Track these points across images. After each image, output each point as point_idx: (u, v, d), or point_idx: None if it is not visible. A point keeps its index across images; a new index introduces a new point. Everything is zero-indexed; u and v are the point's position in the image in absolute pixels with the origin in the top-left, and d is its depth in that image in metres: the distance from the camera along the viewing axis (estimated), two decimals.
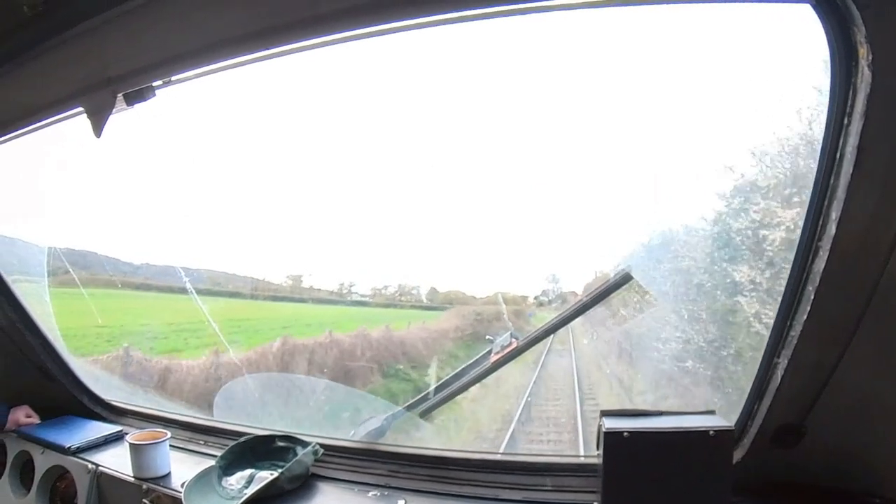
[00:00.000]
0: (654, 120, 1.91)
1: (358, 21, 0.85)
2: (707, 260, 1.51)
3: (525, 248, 7.26)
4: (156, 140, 3.21)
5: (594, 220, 4.43)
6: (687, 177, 1.62)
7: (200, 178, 5.03)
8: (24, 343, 1.89)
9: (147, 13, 1.03)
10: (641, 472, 1.13)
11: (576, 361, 7.80)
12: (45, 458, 1.74)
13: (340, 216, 6.96)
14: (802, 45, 0.90)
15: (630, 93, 2.23)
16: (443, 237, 8.01)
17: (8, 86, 1.30)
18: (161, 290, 6.54)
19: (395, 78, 3.19)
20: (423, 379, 6.75)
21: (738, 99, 1.35)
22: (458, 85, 3.72)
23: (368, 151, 5.50)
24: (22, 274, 1.89)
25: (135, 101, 1.25)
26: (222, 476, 1.47)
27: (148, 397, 3.51)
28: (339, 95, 4.04)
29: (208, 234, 6.02)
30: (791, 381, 1.11)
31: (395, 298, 9.54)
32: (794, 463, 1.20)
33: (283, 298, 9.05)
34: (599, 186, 3.83)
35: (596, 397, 6.49)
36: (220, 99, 2.81)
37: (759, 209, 1.36)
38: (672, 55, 1.54)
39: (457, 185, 6.36)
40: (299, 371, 6.13)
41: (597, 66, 2.56)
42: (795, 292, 1.05)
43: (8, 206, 2.03)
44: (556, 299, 7.03)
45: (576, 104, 3.40)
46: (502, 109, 4.50)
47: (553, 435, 5.86)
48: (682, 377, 2.12)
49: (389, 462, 1.46)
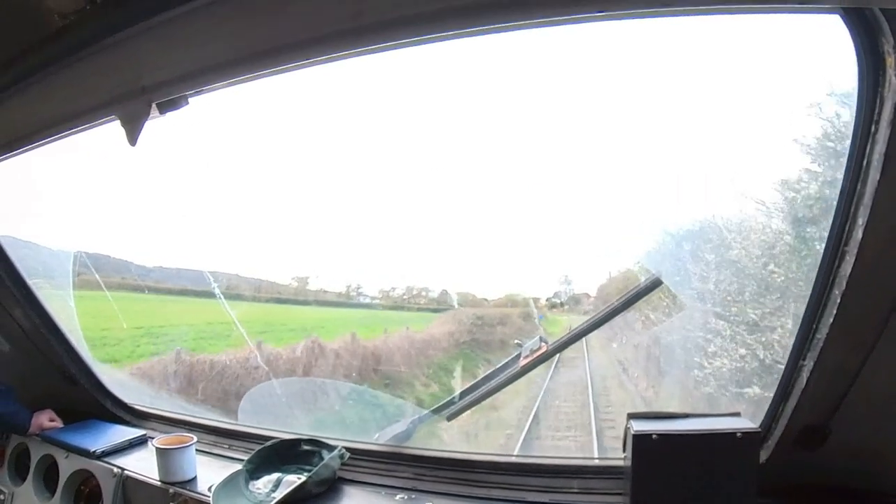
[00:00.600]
0: (674, 121, 1.93)
1: (401, 33, 0.87)
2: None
3: (535, 249, 7.16)
4: (163, 142, 3.22)
5: (605, 220, 4.42)
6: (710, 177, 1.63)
7: (206, 180, 5.02)
8: (48, 347, 1.91)
9: (184, 23, 1.04)
10: (669, 473, 1.15)
11: (590, 373, 7.29)
12: (70, 462, 1.75)
13: (347, 217, 6.92)
14: (829, 54, 0.93)
15: (646, 97, 2.25)
16: (453, 238, 7.89)
17: (40, 95, 1.32)
18: (178, 294, 6.53)
19: (407, 80, 3.22)
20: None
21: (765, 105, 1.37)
22: (471, 86, 3.74)
23: (379, 153, 5.50)
24: (45, 279, 1.91)
25: (167, 110, 1.25)
26: (249, 480, 1.49)
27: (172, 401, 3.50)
28: (351, 99, 4.06)
29: (214, 235, 5.98)
30: (816, 383, 1.12)
31: (402, 301, 9.30)
32: (818, 464, 1.21)
33: (287, 301, 8.93)
34: (610, 187, 3.83)
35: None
36: (226, 102, 2.83)
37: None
38: (693, 61, 1.56)
39: (467, 186, 6.34)
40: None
41: (607, 70, 2.58)
42: (822, 296, 1.07)
43: (23, 209, 2.05)
44: (569, 301, 6.94)
45: (587, 108, 3.42)
46: (513, 112, 4.51)
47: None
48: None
49: (415, 465, 1.47)
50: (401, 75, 3.14)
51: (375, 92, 3.72)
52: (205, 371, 5.43)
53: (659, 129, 2.13)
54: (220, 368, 5.45)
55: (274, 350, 6.28)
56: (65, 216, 2.69)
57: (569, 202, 5.47)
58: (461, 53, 2.46)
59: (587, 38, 1.62)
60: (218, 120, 3.58)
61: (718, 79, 1.46)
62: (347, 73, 1.13)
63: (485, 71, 3.22)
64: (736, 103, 1.43)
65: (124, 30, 1.08)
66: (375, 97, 4.01)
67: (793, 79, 1.22)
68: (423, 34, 0.87)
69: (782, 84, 1.25)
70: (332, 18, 0.90)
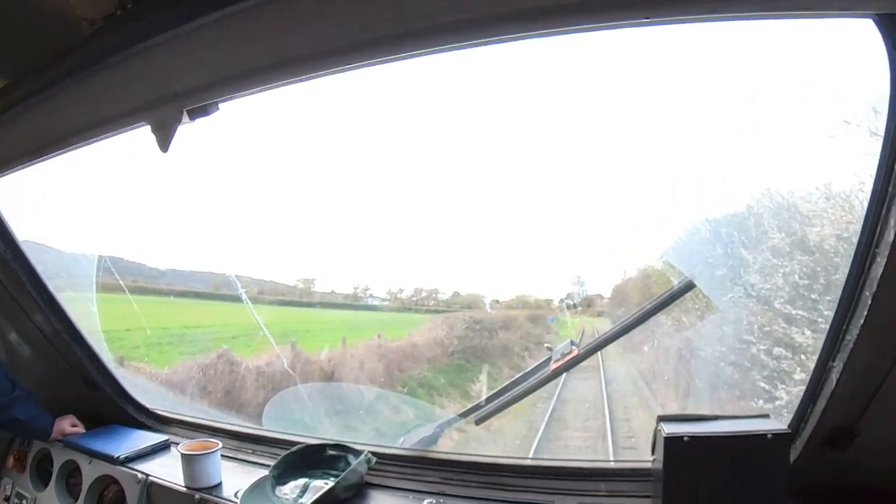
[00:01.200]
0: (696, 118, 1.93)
1: (447, 38, 0.87)
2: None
3: (546, 249, 7.02)
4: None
5: (616, 217, 4.39)
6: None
7: (215, 183, 4.99)
8: (69, 352, 1.91)
9: (220, 28, 1.03)
10: (700, 475, 1.15)
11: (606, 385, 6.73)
12: (93, 468, 1.75)
13: (354, 218, 6.83)
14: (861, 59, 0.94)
15: (665, 96, 2.25)
16: (463, 239, 7.72)
17: (70, 101, 1.32)
18: (196, 297, 6.49)
19: (419, 83, 3.22)
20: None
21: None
22: (482, 88, 3.74)
23: (392, 155, 5.47)
24: (68, 284, 1.92)
25: (198, 116, 1.23)
26: (276, 485, 1.49)
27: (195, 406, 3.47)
28: (364, 102, 4.06)
29: (216, 235, 5.93)
30: (846, 385, 1.12)
31: (410, 302, 9.01)
32: (846, 465, 1.21)
33: (291, 303, 8.73)
34: (620, 189, 3.82)
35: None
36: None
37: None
38: (717, 63, 1.57)
39: (477, 187, 6.28)
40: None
41: (621, 71, 2.59)
42: (852, 297, 1.07)
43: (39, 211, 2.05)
44: (583, 302, 6.83)
45: (605, 105, 3.42)
46: (524, 113, 4.49)
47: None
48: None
49: (442, 469, 1.48)
50: (412, 78, 3.14)
51: (388, 95, 3.72)
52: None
53: (680, 128, 2.14)
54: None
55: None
56: (79, 218, 2.68)
57: (579, 200, 5.43)
58: (471, 57, 2.46)
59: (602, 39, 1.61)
60: (225, 123, 3.57)
61: (749, 81, 1.47)
62: (359, 76, 1.12)
63: (497, 73, 3.22)
64: (765, 106, 1.44)
65: (155, 36, 1.08)
66: (388, 100, 4.01)
67: (825, 84, 1.23)
68: (469, 40, 0.87)
69: (814, 90, 1.26)
70: (378, 23, 0.90)
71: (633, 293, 5.24)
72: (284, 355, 5.42)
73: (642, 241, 4.38)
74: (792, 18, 0.93)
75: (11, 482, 2.00)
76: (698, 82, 1.75)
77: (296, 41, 1.00)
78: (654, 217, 2.42)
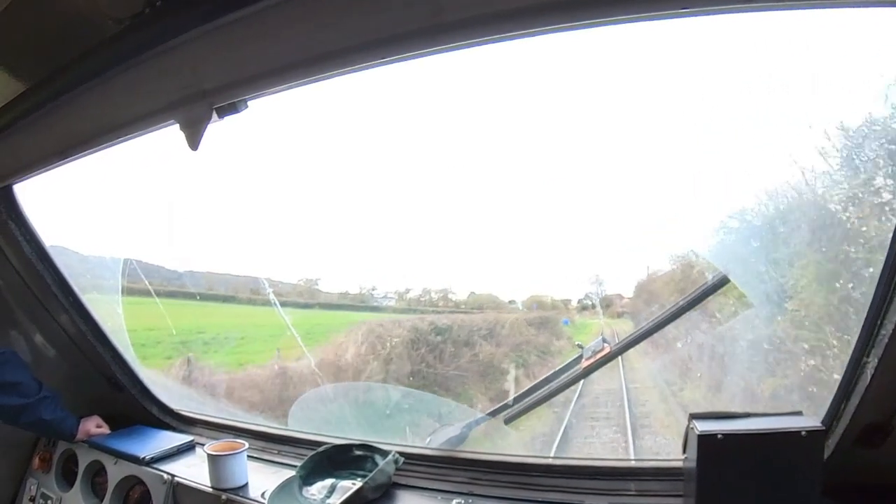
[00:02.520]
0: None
1: (480, 31, 0.86)
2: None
3: (562, 248, 6.63)
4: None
5: (636, 210, 4.25)
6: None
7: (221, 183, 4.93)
8: (94, 354, 1.93)
9: (249, 25, 1.03)
10: (734, 473, 1.13)
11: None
12: (119, 469, 1.76)
13: (357, 218, 6.64)
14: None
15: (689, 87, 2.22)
16: (475, 239, 7.39)
17: (98, 100, 1.32)
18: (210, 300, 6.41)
19: (428, 81, 3.19)
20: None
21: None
22: (496, 83, 3.70)
23: (399, 152, 5.37)
24: (95, 288, 1.93)
25: (226, 114, 1.22)
26: (303, 486, 1.49)
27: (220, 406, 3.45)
28: (374, 102, 4.02)
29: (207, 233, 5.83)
30: (880, 381, 1.11)
31: (417, 303, 8.11)
32: (878, 463, 1.20)
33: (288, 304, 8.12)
34: (641, 181, 3.72)
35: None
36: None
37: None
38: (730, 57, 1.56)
39: (491, 185, 6.09)
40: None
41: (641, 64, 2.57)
42: (887, 291, 1.06)
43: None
44: (602, 302, 6.25)
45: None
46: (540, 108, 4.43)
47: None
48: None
49: (470, 469, 1.46)
50: (421, 77, 3.12)
51: (398, 92, 3.68)
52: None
53: (706, 119, 2.11)
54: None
55: None
56: (99, 221, 2.69)
57: (595, 193, 5.25)
58: (484, 52, 2.44)
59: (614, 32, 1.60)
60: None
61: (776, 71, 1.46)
62: (369, 75, 1.12)
63: (512, 68, 3.19)
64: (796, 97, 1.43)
65: (183, 33, 1.08)
66: (399, 98, 3.97)
67: (855, 73, 1.22)
68: (502, 32, 0.86)
69: (845, 80, 1.25)
70: (410, 17, 0.88)
71: (661, 291, 4.89)
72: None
73: (667, 236, 4.18)
74: (828, 7, 0.92)
75: (37, 482, 2.01)
76: (723, 71, 1.73)
77: (324, 37, 0.99)
78: (680, 209, 2.36)
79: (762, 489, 1.14)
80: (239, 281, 7.05)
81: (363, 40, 0.97)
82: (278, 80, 1.14)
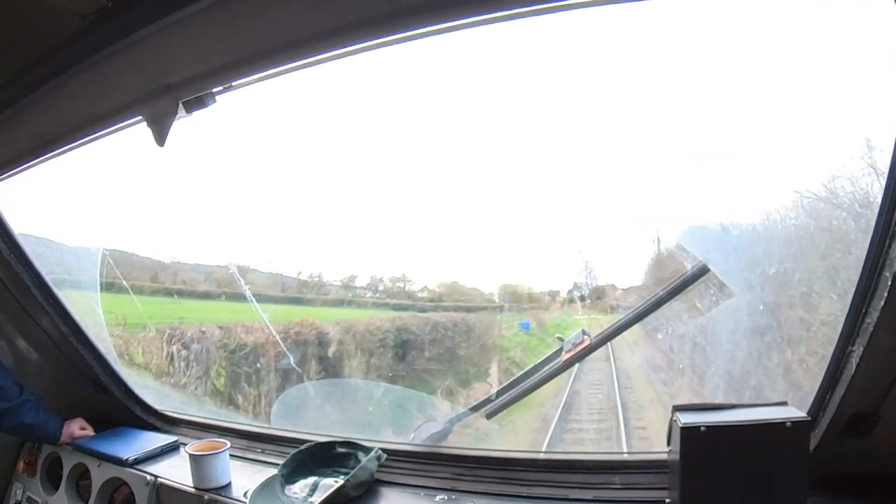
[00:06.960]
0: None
1: (441, 16, 0.84)
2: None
3: (549, 237, 6.23)
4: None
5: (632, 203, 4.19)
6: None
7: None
8: (76, 355, 1.91)
9: (212, 15, 1.01)
10: (719, 465, 1.12)
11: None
12: (102, 471, 1.75)
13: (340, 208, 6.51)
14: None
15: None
16: (452, 228, 6.99)
17: (65, 97, 1.29)
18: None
19: (411, 70, 3.14)
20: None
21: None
22: (481, 72, 3.66)
23: (383, 142, 5.32)
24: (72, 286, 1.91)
25: (194, 109, 1.22)
26: (285, 484, 1.47)
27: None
28: (353, 91, 3.97)
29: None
30: (866, 370, 1.09)
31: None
32: (865, 453, 1.18)
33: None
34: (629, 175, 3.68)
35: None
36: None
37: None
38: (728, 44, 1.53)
39: (473, 173, 5.99)
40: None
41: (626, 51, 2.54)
42: (871, 279, 1.04)
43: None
44: (592, 294, 5.96)
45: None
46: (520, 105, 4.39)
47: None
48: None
49: (454, 465, 1.45)
50: (404, 66, 3.07)
51: (379, 83, 3.64)
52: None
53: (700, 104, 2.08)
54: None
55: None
56: (80, 211, 2.63)
57: (587, 178, 5.16)
58: (467, 40, 2.40)
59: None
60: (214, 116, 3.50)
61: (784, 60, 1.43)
62: (351, 64, 1.10)
63: (495, 57, 3.15)
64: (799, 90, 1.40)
65: (149, 24, 1.05)
66: (379, 88, 3.92)
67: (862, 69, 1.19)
68: (465, 16, 0.84)
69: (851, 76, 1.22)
70: (370, 2, 0.88)
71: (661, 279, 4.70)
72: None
73: (660, 224, 4.08)
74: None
75: (22, 487, 2.00)
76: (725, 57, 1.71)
77: (287, 25, 0.98)
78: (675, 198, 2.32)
79: (748, 481, 1.12)
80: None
81: (326, 27, 0.96)
82: (242, 72, 1.13)
